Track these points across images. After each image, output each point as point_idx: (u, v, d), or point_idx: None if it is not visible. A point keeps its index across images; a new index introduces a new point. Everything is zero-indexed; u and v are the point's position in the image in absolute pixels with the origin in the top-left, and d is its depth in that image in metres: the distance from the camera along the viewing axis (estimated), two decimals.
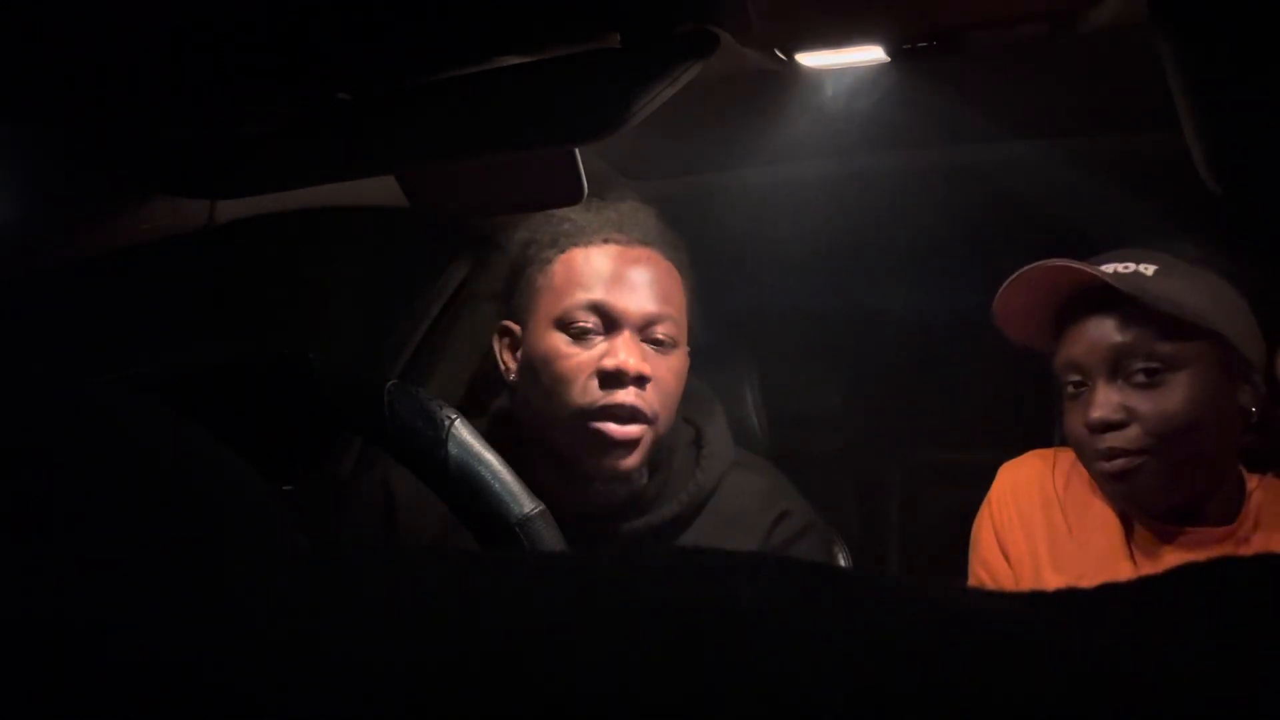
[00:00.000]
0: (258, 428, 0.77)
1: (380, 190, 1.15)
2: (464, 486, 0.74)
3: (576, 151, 0.87)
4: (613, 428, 1.06)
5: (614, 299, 1.08)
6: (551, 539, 0.74)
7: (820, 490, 1.28)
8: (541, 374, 1.09)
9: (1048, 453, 1.17)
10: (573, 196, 0.91)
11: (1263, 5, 0.43)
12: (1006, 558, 1.15)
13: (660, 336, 1.10)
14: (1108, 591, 0.26)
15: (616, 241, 1.11)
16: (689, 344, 1.17)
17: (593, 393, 1.06)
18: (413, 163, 0.90)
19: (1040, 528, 1.13)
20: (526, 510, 0.74)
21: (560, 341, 1.08)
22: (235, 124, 0.80)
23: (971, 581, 1.18)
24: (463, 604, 0.23)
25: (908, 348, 1.97)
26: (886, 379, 2.00)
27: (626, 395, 1.06)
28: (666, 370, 1.10)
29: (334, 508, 1.21)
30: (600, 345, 1.08)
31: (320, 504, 1.23)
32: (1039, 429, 1.19)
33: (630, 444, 1.07)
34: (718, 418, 1.23)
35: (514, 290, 1.16)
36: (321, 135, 0.81)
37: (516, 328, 1.15)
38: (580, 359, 1.07)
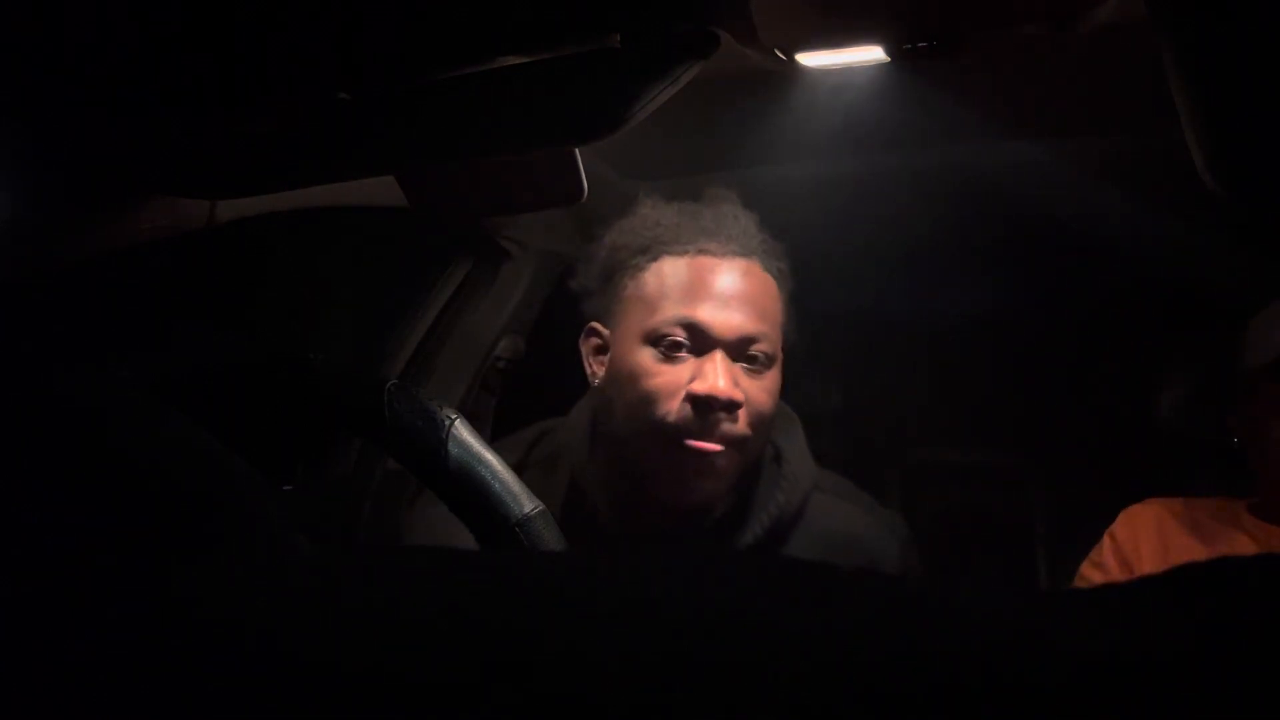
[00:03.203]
0: (258, 428, 0.77)
1: (380, 190, 1.15)
2: (464, 486, 0.74)
3: (576, 151, 0.87)
4: (696, 443, 1.01)
5: (707, 317, 1.02)
6: (551, 539, 0.75)
7: None
8: (628, 389, 1.04)
9: (1166, 499, 1.20)
10: (573, 196, 0.91)
11: (1263, 5, 0.43)
12: (1125, 555, 1.17)
13: (755, 355, 1.04)
14: (1108, 592, 0.26)
15: (711, 253, 1.06)
16: (783, 354, 1.11)
17: (682, 415, 1.01)
18: (413, 163, 0.90)
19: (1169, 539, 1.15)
20: (526, 510, 0.74)
21: (648, 358, 1.03)
22: (235, 124, 0.80)
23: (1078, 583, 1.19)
24: (462, 604, 0.23)
25: (908, 348, 1.96)
26: (887, 379, 2.00)
27: (715, 422, 1.01)
28: (760, 391, 1.04)
29: (334, 508, 1.20)
30: (690, 365, 1.02)
31: (320, 504, 1.23)
32: (1038, 430, 1.20)
33: (714, 470, 1.02)
34: (796, 434, 1.17)
35: (603, 294, 1.11)
36: (321, 135, 0.81)
37: (605, 331, 1.10)
38: (668, 378, 1.02)
